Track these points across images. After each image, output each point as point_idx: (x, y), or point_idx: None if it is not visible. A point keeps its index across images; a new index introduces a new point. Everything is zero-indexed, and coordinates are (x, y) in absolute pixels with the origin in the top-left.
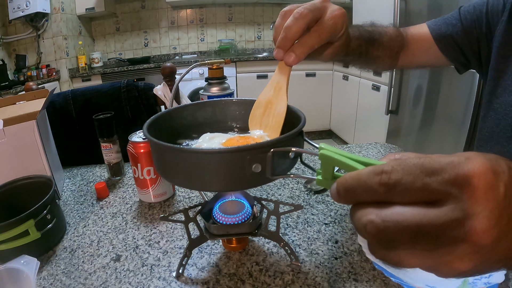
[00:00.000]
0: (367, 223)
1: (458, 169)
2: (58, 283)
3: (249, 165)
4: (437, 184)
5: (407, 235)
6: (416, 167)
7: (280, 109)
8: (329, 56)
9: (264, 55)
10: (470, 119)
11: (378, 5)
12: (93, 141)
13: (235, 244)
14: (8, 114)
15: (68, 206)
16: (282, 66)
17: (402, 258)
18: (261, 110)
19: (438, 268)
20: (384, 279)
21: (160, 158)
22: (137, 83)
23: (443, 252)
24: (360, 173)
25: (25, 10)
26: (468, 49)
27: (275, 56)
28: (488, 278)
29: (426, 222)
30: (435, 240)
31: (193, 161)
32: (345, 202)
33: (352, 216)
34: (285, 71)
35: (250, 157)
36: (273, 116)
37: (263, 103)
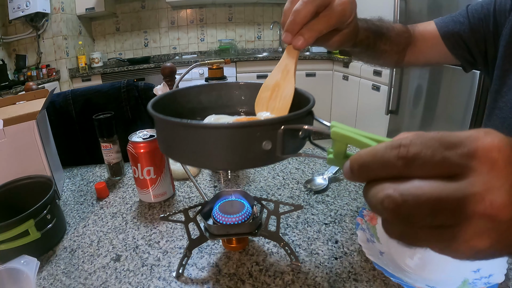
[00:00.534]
0: (384, 198)
1: (478, 143)
2: (58, 283)
3: (259, 142)
4: (457, 158)
5: (426, 209)
6: (435, 141)
7: (288, 92)
8: (336, 43)
9: (264, 55)
10: (470, 119)
11: (378, 5)
12: (93, 141)
13: (235, 244)
14: (8, 114)
15: (68, 206)
16: (290, 50)
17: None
18: (268, 93)
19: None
20: (384, 279)
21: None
22: (137, 83)
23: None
24: (375, 148)
25: (25, 10)
26: (475, 48)
27: (283, 39)
28: (488, 278)
29: (446, 196)
30: (455, 214)
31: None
32: (358, 179)
33: (367, 193)
34: (293, 54)
35: (260, 133)
36: (280, 99)
37: (270, 86)
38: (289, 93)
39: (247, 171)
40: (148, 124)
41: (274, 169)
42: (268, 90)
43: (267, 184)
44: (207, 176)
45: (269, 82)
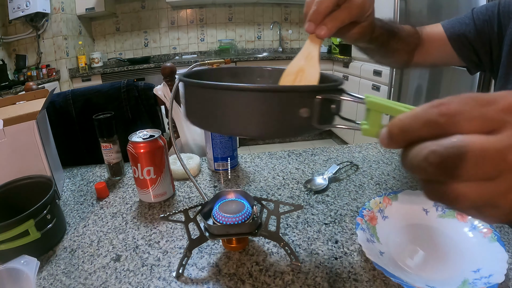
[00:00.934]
0: (429, 153)
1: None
2: (58, 283)
3: (297, 108)
4: (494, 113)
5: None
6: (472, 99)
7: (313, 75)
8: (355, 35)
9: (264, 55)
10: None
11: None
12: (93, 141)
13: (235, 244)
14: (8, 114)
15: (68, 206)
16: (313, 39)
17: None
18: (291, 77)
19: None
20: (384, 279)
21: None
22: (137, 83)
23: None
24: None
25: (25, 10)
26: (481, 48)
27: (306, 29)
28: (488, 278)
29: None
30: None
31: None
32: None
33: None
34: (316, 43)
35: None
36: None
37: (293, 71)
38: (314, 76)
39: (247, 171)
40: (148, 124)
41: (274, 169)
42: (291, 74)
43: (267, 184)
44: (207, 176)
45: (292, 68)
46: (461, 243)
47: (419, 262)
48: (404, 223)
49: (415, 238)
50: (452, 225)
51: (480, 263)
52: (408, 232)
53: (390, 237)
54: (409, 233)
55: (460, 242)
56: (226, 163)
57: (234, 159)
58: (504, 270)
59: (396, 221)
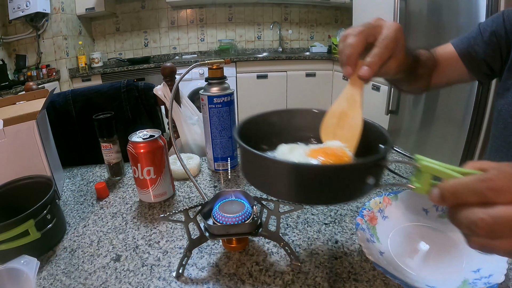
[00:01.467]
0: (478, 220)
1: None
2: (58, 283)
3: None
4: None
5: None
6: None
7: (356, 122)
8: (394, 69)
9: (264, 55)
10: (470, 119)
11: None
12: (93, 141)
13: (235, 244)
14: (8, 114)
15: (68, 206)
16: (354, 81)
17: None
18: (334, 121)
19: None
20: (384, 279)
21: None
22: (137, 83)
23: None
24: (466, 180)
25: (25, 10)
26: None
27: (345, 73)
28: (488, 278)
29: None
30: None
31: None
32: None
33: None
34: (358, 85)
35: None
36: (349, 128)
37: (336, 114)
38: (357, 123)
39: None
40: (148, 124)
41: None
42: (334, 117)
43: None
44: (207, 176)
45: (335, 109)
46: (461, 243)
47: (419, 262)
48: (404, 223)
49: (415, 238)
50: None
51: (480, 263)
52: (408, 232)
53: (390, 237)
54: (409, 233)
55: (460, 242)
56: (226, 163)
57: (234, 159)
58: (504, 270)
59: (396, 221)
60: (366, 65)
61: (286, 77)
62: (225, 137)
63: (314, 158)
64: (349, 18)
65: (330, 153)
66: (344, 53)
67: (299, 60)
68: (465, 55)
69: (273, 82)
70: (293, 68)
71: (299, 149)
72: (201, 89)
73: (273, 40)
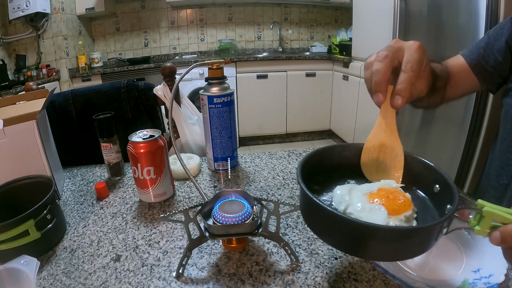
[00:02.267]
0: None
1: None
2: (58, 283)
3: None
4: None
5: None
6: None
7: (398, 153)
8: (425, 89)
9: (264, 55)
10: (470, 119)
11: (378, 5)
12: (93, 141)
13: (235, 244)
14: (8, 114)
15: (68, 206)
16: (386, 109)
17: None
18: (374, 154)
19: None
20: (384, 279)
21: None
22: (137, 83)
23: None
24: None
25: (25, 10)
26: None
27: (376, 102)
28: (488, 278)
29: None
30: None
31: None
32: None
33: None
34: (391, 114)
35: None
36: (392, 161)
37: (375, 146)
38: (399, 153)
39: (247, 171)
40: (148, 124)
41: (274, 169)
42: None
43: (267, 184)
44: (207, 176)
45: (372, 141)
46: (461, 243)
47: (419, 262)
48: None
49: None
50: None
51: (480, 263)
52: None
53: None
54: None
55: (460, 242)
56: (226, 163)
57: (234, 159)
58: (504, 270)
59: None
60: (397, 94)
61: (286, 77)
62: (225, 137)
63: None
64: (349, 18)
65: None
66: (373, 81)
67: (299, 60)
68: (476, 66)
69: (273, 82)
70: (293, 68)
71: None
72: (201, 89)
73: (273, 40)
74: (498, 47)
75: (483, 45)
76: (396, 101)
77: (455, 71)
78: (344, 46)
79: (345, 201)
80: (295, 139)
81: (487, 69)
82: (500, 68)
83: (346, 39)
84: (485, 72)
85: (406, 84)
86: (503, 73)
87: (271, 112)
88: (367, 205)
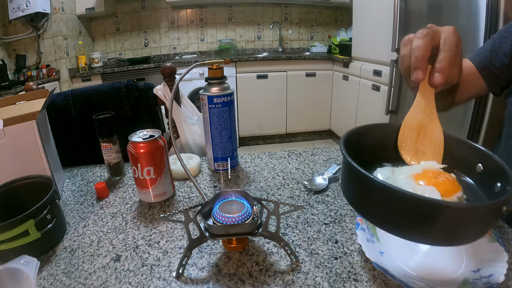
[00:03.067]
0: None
1: None
2: (58, 283)
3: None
4: None
5: None
6: None
7: (438, 136)
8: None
9: (264, 55)
10: (470, 119)
11: (378, 5)
12: (93, 141)
13: (235, 244)
14: (8, 114)
15: (68, 206)
16: (424, 88)
17: None
18: (413, 134)
19: None
20: (384, 279)
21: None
22: (137, 83)
23: None
24: None
25: (25, 10)
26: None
27: (415, 79)
28: (488, 278)
29: None
30: None
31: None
32: None
33: None
34: (430, 93)
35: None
36: (431, 143)
37: (414, 126)
38: (439, 137)
39: (247, 171)
40: (148, 124)
41: (274, 169)
42: (412, 130)
43: (267, 184)
44: (207, 176)
45: (411, 121)
46: None
47: (419, 262)
48: None
49: None
50: None
51: (480, 263)
52: None
53: (390, 237)
54: None
55: None
56: (226, 163)
57: (234, 159)
58: (504, 270)
59: None
60: (437, 71)
61: (286, 77)
62: (225, 137)
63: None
64: (349, 18)
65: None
66: (414, 56)
67: (299, 60)
68: (484, 68)
69: (273, 82)
70: (293, 68)
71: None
72: (201, 89)
73: (273, 40)
74: (505, 50)
75: (489, 48)
76: (436, 79)
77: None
78: (344, 46)
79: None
80: (295, 139)
81: (494, 72)
82: (507, 71)
83: (346, 39)
84: (492, 74)
85: (446, 63)
86: (509, 75)
87: (271, 112)
88: (418, 187)
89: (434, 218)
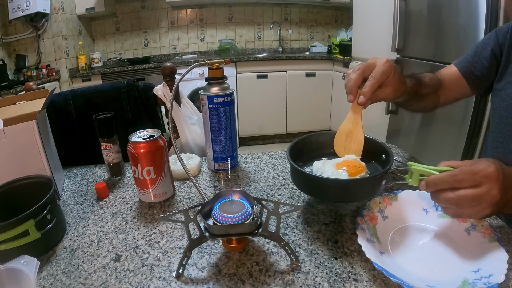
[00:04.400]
0: (449, 198)
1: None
2: (58, 283)
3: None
4: (478, 178)
5: (468, 201)
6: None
7: (360, 138)
8: (391, 94)
9: (264, 55)
10: (470, 119)
11: (378, 5)
12: (93, 141)
13: (235, 244)
14: (8, 114)
15: (68, 206)
16: (355, 106)
17: (464, 212)
18: (343, 137)
19: (477, 214)
20: (384, 279)
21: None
22: (137, 83)
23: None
24: (442, 175)
25: (25, 10)
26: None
27: (348, 100)
28: (488, 278)
29: (476, 194)
30: (479, 201)
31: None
32: (431, 190)
33: (436, 196)
34: (358, 110)
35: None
36: (355, 142)
37: (344, 132)
38: (361, 138)
39: (247, 171)
40: (148, 124)
41: (274, 169)
42: (343, 134)
43: (267, 184)
44: (207, 176)
45: (343, 128)
46: (461, 243)
47: (419, 262)
48: (404, 223)
49: (415, 238)
50: (452, 225)
51: (480, 263)
52: (408, 232)
53: (390, 237)
54: (409, 233)
55: (460, 242)
56: (226, 163)
57: (234, 159)
58: (504, 270)
59: (396, 221)
60: (361, 94)
61: (286, 77)
62: (225, 137)
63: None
64: (349, 18)
65: (352, 166)
66: (348, 86)
67: (299, 60)
68: (466, 72)
69: (273, 82)
70: (293, 68)
71: (328, 163)
72: (201, 89)
73: (273, 40)
74: (485, 55)
75: (471, 54)
76: (360, 100)
77: (448, 78)
78: (344, 46)
79: (320, 170)
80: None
81: (476, 74)
82: (487, 73)
83: (346, 39)
84: (474, 77)
85: (368, 88)
86: (490, 78)
87: (271, 112)
88: (335, 171)
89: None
